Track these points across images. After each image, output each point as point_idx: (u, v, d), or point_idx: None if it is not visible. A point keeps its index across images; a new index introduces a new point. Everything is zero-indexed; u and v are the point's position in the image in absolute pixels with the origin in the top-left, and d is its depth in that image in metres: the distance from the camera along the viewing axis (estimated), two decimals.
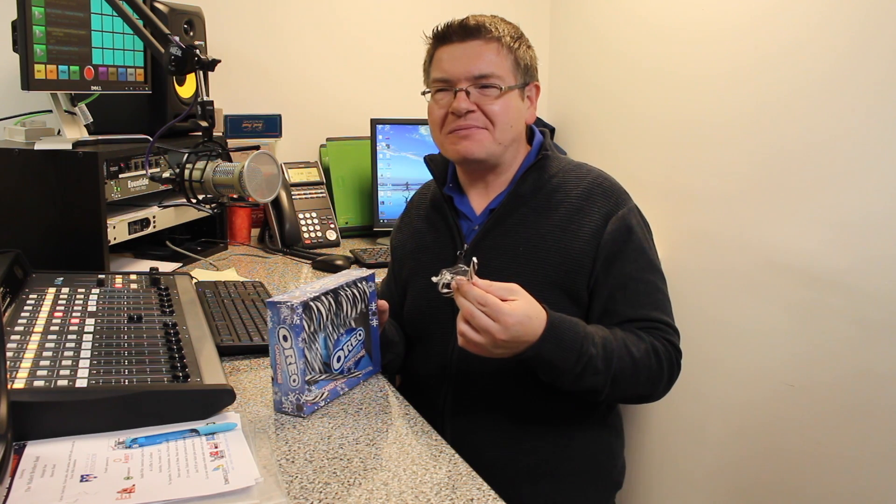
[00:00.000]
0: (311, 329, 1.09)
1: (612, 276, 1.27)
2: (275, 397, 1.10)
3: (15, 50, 1.54)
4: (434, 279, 1.10)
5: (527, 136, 1.41)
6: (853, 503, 1.63)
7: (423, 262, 1.38)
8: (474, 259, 1.11)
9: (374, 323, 1.25)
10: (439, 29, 1.33)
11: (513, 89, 1.30)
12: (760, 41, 1.79)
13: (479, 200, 1.38)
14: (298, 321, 1.06)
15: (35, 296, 1.29)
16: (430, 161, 1.43)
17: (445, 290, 1.10)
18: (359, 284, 1.20)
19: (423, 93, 1.37)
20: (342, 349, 1.17)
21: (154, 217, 1.78)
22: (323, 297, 1.12)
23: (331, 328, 1.13)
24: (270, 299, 1.09)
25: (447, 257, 1.36)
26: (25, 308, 1.22)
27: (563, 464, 1.32)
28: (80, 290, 1.34)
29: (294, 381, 1.08)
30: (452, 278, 1.09)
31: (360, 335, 1.21)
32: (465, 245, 1.35)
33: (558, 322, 1.13)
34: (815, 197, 1.67)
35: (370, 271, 1.24)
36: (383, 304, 1.28)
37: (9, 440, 0.83)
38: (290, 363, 1.07)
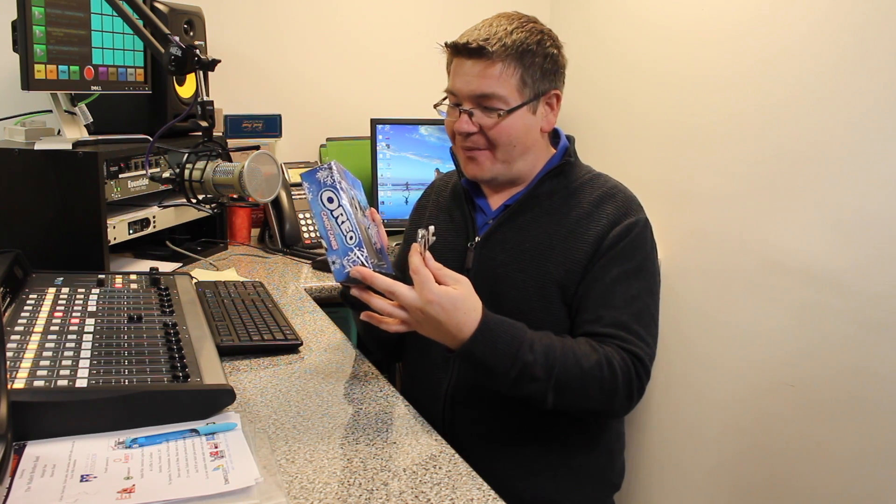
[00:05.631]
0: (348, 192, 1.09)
1: (595, 272, 1.26)
2: (334, 268, 1.08)
3: (15, 50, 1.54)
4: (420, 231, 1.10)
5: (553, 138, 1.41)
6: (852, 502, 1.63)
7: (434, 250, 1.39)
8: (431, 227, 1.11)
9: (374, 230, 1.24)
10: (453, 41, 1.31)
11: (516, 110, 1.29)
12: (760, 42, 1.79)
13: (496, 197, 1.40)
14: (338, 177, 1.07)
15: (35, 296, 1.29)
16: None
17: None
18: (356, 197, 1.20)
19: (436, 105, 1.37)
20: (370, 230, 1.16)
21: (154, 217, 1.78)
22: (344, 183, 1.12)
23: (353, 209, 1.13)
24: (304, 172, 1.11)
25: (459, 247, 1.37)
26: (25, 308, 1.22)
27: (562, 462, 1.32)
28: (80, 290, 1.34)
29: (351, 237, 1.06)
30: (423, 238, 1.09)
31: (372, 229, 1.20)
32: (477, 238, 1.36)
33: (494, 324, 1.11)
34: (816, 197, 1.67)
35: (358, 182, 1.25)
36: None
37: (9, 440, 0.83)
38: (343, 221, 1.07)
